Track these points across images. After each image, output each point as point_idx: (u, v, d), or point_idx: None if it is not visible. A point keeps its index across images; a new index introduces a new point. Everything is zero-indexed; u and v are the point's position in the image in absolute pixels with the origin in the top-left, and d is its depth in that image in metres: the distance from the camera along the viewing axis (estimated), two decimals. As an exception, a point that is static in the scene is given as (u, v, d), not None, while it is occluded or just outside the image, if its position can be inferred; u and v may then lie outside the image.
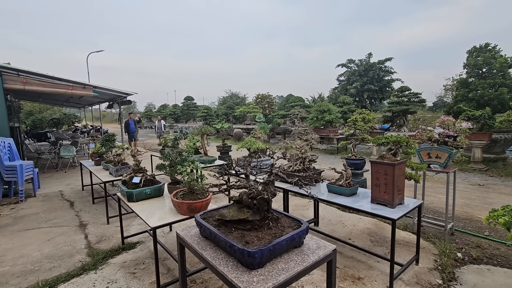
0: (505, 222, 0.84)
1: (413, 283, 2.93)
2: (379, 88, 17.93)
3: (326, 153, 11.83)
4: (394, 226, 2.75)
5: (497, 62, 9.91)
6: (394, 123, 13.05)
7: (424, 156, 4.24)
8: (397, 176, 3.01)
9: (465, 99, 10.65)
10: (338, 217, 4.71)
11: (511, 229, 0.83)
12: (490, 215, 0.91)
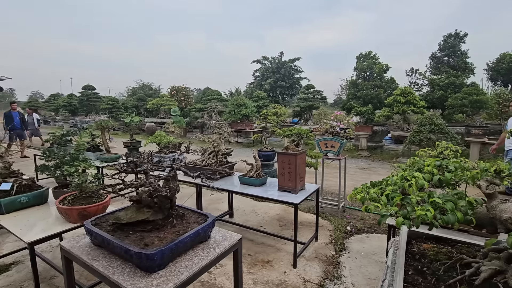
0: (361, 197, 1.01)
1: (312, 258, 3.33)
2: (289, 85, 19.61)
3: (243, 146, 12.22)
4: (296, 210, 3.05)
5: (376, 68, 12.20)
6: (302, 117, 14.49)
7: (322, 146, 4.84)
8: (299, 165, 3.33)
9: (355, 97, 12.70)
10: (251, 206, 4.93)
11: (365, 202, 1.00)
12: (353, 193, 1.08)
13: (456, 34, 12.96)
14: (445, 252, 1.16)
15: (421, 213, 0.83)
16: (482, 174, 1.03)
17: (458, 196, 0.95)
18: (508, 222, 0.90)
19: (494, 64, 13.58)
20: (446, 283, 0.97)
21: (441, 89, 11.34)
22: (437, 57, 13.46)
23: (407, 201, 0.93)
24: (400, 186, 1.03)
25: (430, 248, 1.22)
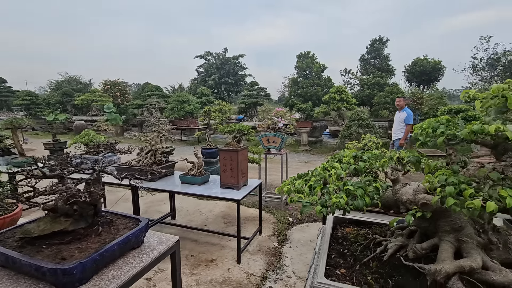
0: (288, 190, 1.05)
1: (256, 251, 3.40)
2: (234, 81, 19.64)
3: (188, 144, 11.83)
4: (238, 206, 3.07)
5: (314, 67, 13.02)
6: (247, 114, 14.66)
7: (265, 142, 4.97)
8: (241, 161, 3.35)
9: (296, 94, 13.35)
10: (196, 206, 4.80)
11: (291, 194, 1.05)
12: (281, 186, 1.12)
13: (380, 39, 14.61)
14: (363, 234, 1.30)
15: (336, 200, 0.90)
16: (388, 162, 1.18)
17: (368, 183, 1.06)
18: (407, 203, 1.04)
19: (410, 67, 15.69)
20: (361, 261, 1.08)
21: (369, 88, 12.70)
22: (365, 59, 14.99)
23: (326, 190, 1.00)
24: (322, 176, 1.11)
25: (351, 231, 1.35)
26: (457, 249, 0.99)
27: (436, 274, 0.90)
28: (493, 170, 0.94)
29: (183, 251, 3.35)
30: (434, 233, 1.04)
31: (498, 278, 0.87)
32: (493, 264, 0.93)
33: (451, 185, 0.86)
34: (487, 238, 0.99)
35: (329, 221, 1.43)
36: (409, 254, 1.03)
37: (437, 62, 14.81)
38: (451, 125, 1.01)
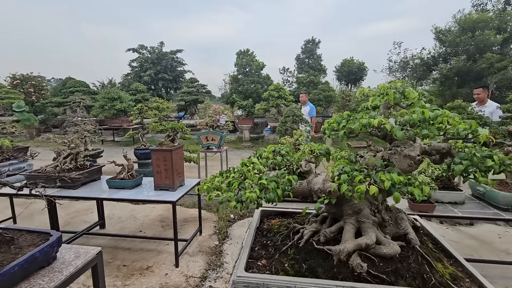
0: (207, 187, 1.04)
1: (196, 252, 3.33)
2: (173, 77, 18.73)
3: (121, 145, 10.89)
4: (174, 208, 2.95)
5: (254, 64, 13.29)
6: (187, 112, 14.18)
7: (203, 140, 4.88)
8: (176, 161, 3.23)
9: (237, 91, 13.45)
10: (130, 211, 4.47)
11: (210, 192, 1.05)
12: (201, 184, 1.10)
13: (313, 40, 15.68)
14: (286, 224, 1.38)
15: (249, 195, 0.94)
16: (304, 155, 1.27)
17: (282, 176, 1.13)
18: (318, 192, 1.14)
19: (339, 67, 17.23)
20: (281, 250, 1.14)
21: (305, 86, 13.54)
22: (300, 59, 15.92)
23: (242, 185, 1.03)
24: (242, 172, 1.14)
25: (276, 223, 1.42)
26: (358, 229, 1.13)
27: (340, 253, 1.01)
28: (381, 158, 1.10)
29: (115, 261, 3.09)
30: (340, 217, 1.17)
31: (387, 250, 1.03)
32: (384, 239, 1.08)
33: (345, 173, 0.98)
34: (381, 217, 1.15)
35: (256, 214, 1.48)
36: (321, 238, 1.14)
37: (361, 63, 16.55)
38: (351, 120, 1.14)
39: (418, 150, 1.08)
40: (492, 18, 12.68)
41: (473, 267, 3.16)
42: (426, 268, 1.00)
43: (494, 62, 11.26)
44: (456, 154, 1.05)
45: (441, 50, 13.63)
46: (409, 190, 0.95)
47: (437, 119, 0.95)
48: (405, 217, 1.22)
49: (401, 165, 1.08)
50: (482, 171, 0.95)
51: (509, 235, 3.73)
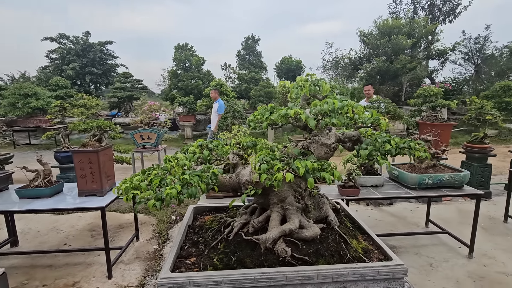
0: (125, 188, 0.95)
1: (133, 259, 3.10)
2: (103, 72, 16.90)
3: (40, 149, 9.45)
4: (103, 215, 2.68)
5: (193, 60, 12.88)
6: (122, 109, 13.04)
7: (138, 139, 4.54)
8: (104, 162, 2.93)
9: (177, 87, 12.87)
10: (51, 223, 3.92)
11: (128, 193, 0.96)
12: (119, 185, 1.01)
13: (253, 37, 15.91)
14: (218, 219, 1.36)
15: (169, 192, 0.89)
16: (231, 148, 1.27)
17: (206, 170, 1.11)
18: (246, 184, 1.15)
19: (279, 64, 17.86)
20: (211, 246, 1.12)
21: (246, 82, 13.68)
22: (241, 55, 16.01)
23: (164, 182, 0.98)
24: (166, 169, 1.08)
25: (209, 219, 1.39)
26: (283, 216, 1.18)
27: (266, 241, 1.04)
28: (301, 147, 1.18)
29: (32, 282, 2.68)
30: (268, 206, 1.21)
31: (308, 233, 1.10)
32: (307, 223, 1.16)
33: (265, 163, 1.02)
34: (304, 203, 1.23)
35: (188, 212, 1.43)
36: (250, 229, 1.16)
37: (299, 62, 17.45)
38: (275, 112, 1.19)
39: (333, 139, 1.18)
40: (403, 24, 14.66)
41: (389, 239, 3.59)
42: (342, 246, 1.10)
43: (406, 63, 13.07)
44: (364, 141, 1.18)
45: (365, 51, 15.23)
46: (322, 175, 1.03)
47: (344, 109, 1.06)
48: (326, 201, 1.33)
49: (319, 153, 1.17)
50: (382, 154, 1.10)
51: (419, 210, 4.40)
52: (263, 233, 1.10)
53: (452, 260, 3.08)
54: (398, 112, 5.09)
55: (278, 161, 1.04)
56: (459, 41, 16.36)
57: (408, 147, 1.13)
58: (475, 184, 4.73)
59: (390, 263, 1.00)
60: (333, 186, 3.22)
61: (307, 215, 1.25)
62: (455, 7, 17.52)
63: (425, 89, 5.53)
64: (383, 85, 13.71)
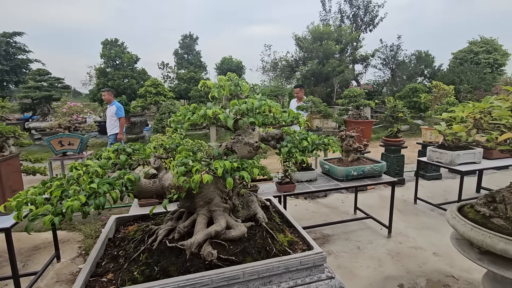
0: (17, 203, 0.80)
1: (52, 284, 2.70)
2: (10, 68, 14.32)
3: None
4: (8, 236, 2.27)
5: (125, 57, 11.88)
6: (38, 112, 11.29)
7: (56, 145, 3.98)
8: (7, 175, 2.48)
9: (106, 87, 11.71)
10: None
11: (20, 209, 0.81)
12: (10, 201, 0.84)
13: (191, 36, 15.50)
14: (143, 228, 1.27)
15: (70, 204, 0.79)
16: (154, 151, 1.19)
17: (122, 176, 1.02)
18: (169, 188, 1.09)
19: (219, 64, 17.76)
20: (131, 258, 1.03)
21: (185, 82, 13.23)
22: (179, 54, 15.44)
23: (66, 193, 0.86)
24: (71, 178, 0.95)
25: (132, 229, 1.28)
26: (210, 218, 1.16)
27: (191, 246, 1.01)
28: (225, 147, 1.18)
29: None
30: (195, 210, 1.17)
31: (235, 233, 1.11)
32: (234, 223, 1.16)
33: (182, 165, 0.99)
34: (232, 203, 1.23)
35: (108, 224, 1.30)
36: (175, 235, 1.10)
37: (239, 62, 17.62)
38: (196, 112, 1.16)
39: (257, 138, 1.21)
40: (332, 31, 16.07)
41: (324, 229, 3.85)
42: (269, 241, 1.13)
43: (336, 66, 14.35)
44: (285, 138, 1.24)
45: (301, 55, 16.23)
46: (241, 174, 1.04)
47: (262, 108, 1.09)
48: (255, 199, 1.36)
49: (242, 152, 1.18)
50: (300, 151, 1.17)
51: (349, 199, 4.85)
52: (190, 238, 1.06)
53: (375, 241, 3.48)
54: (328, 111, 5.54)
55: (197, 163, 1.01)
56: (377, 48, 18.67)
57: (323, 143, 1.23)
58: (393, 173, 5.45)
59: (311, 252, 1.06)
60: (272, 183, 3.34)
61: (235, 214, 1.25)
62: (374, 18, 19.94)
63: (350, 90, 6.14)
64: (317, 86, 14.80)
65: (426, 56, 19.37)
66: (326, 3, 19.91)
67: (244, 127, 1.18)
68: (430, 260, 3.05)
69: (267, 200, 1.64)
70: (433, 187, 5.44)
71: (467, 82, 13.92)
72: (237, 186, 1.29)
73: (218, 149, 1.14)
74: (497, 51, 19.58)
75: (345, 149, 3.71)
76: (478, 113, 1.85)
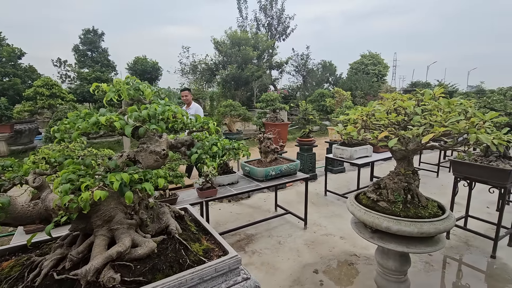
0: None
1: None
2: None
3: None
4: None
5: (4, 51, 9.62)
6: None
7: None
8: None
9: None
10: None
11: None
12: None
13: (95, 31, 13.73)
14: (23, 262, 1.03)
15: None
16: (32, 167, 0.99)
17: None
18: (56, 210, 0.92)
19: (132, 64, 16.29)
20: (3, 304, 0.82)
21: (90, 83, 11.65)
22: (80, 50, 13.48)
23: None
24: None
25: (9, 264, 1.03)
26: (112, 238, 1.03)
27: (87, 274, 0.87)
28: (126, 158, 1.07)
29: None
30: (93, 231, 1.02)
31: (142, 251, 1.01)
32: (142, 239, 1.07)
33: (67, 182, 0.85)
34: (139, 217, 1.13)
35: (-31, 264, 1.00)
36: (67, 264, 0.93)
37: (155, 63, 16.57)
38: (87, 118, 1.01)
39: (165, 145, 1.13)
40: (250, 38, 16.77)
41: (248, 229, 3.94)
42: (183, 253, 1.08)
43: (254, 71, 15.02)
44: (196, 145, 1.21)
45: (220, 58, 16.36)
46: (143, 187, 0.96)
47: (165, 114, 1.04)
48: (167, 210, 1.27)
49: (148, 162, 1.09)
50: (211, 157, 1.16)
51: (270, 198, 5.11)
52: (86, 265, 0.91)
53: (294, 234, 3.76)
54: (248, 115, 5.74)
55: (89, 178, 0.88)
56: (290, 56, 20.42)
57: (233, 148, 1.25)
58: (307, 170, 6.02)
59: (225, 258, 1.05)
60: (193, 189, 3.23)
61: (144, 230, 1.15)
62: (286, 28, 21.72)
63: (267, 94, 6.51)
64: (238, 90, 15.19)
65: (330, 65, 22.27)
66: (242, 10, 20.70)
67: (149, 134, 1.08)
68: (338, 244, 3.48)
69: (183, 209, 1.56)
70: (339, 180, 6.24)
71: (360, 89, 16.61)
72: (145, 199, 1.18)
73: (116, 160, 1.02)
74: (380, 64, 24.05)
75: (264, 151, 3.90)
76: (365, 116, 2.21)
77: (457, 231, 3.66)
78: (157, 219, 1.20)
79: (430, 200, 2.15)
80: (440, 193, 5.15)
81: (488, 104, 3.40)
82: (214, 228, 4.31)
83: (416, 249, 1.93)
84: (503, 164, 2.94)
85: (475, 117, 1.61)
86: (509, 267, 2.94)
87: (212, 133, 1.19)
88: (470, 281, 2.76)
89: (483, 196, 4.53)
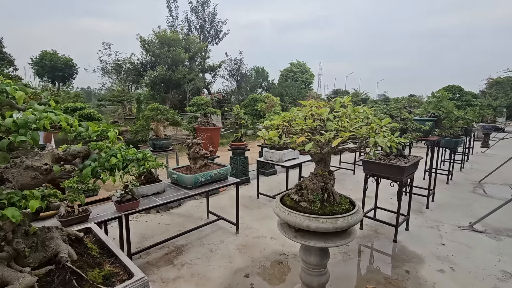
0: None
1: None
2: None
3: None
4: None
5: None
6: None
7: None
8: None
9: None
10: None
11: None
12: None
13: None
14: None
15: None
16: None
17: None
18: None
19: (38, 60, 13.94)
20: None
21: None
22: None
23: None
24: None
25: None
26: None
27: None
28: None
29: None
30: None
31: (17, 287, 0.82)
32: (15, 275, 0.86)
33: None
34: (13, 248, 0.92)
35: None
36: None
37: (69, 60, 14.57)
38: None
39: (48, 158, 0.95)
40: (180, 39, 16.19)
41: (178, 240, 3.70)
42: (74, 284, 0.92)
43: (186, 74, 14.54)
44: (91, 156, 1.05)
45: (148, 58, 15.34)
46: (3, 213, 0.78)
47: (41, 122, 0.87)
48: (56, 235, 1.06)
49: (23, 180, 0.90)
50: (108, 170, 1.03)
51: (203, 204, 4.95)
52: None
53: (226, 240, 3.71)
54: (176, 119, 5.47)
55: None
56: (224, 60, 20.48)
57: (137, 158, 1.13)
58: (240, 173, 6.06)
59: (129, 282, 0.94)
60: (111, 203, 2.89)
61: (21, 262, 0.93)
62: (218, 32, 21.75)
63: (197, 98, 6.35)
64: (168, 93, 14.47)
65: (262, 71, 23.16)
66: (172, 9, 19.90)
67: (26, 146, 0.89)
68: (269, 245, 3.57)
69: (85, 229, 1.35)
70: (271, 182, 6.47)
71: (290, 95, 17.71)
72: (24, 224, 0.96)
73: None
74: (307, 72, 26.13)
75: (193, 157, 3.76)
76: (286, 122, 2.32)
77: (368, 221, 4.17)
78: (42, 246, 0.99)
79: (343, 197, 2.37)
80: (356, 189, 5.80)
81: (387, 111, 3.99)
82: (139, 243, 3.97)
83: (333, 243, 2.10)
84: (400, 162, 3.48)
85: (374, 123, 1.84)
86: (407, 249, 3.48)
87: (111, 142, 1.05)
88: (379, 264, 3.16)
89: (388, 189, 5.31)
